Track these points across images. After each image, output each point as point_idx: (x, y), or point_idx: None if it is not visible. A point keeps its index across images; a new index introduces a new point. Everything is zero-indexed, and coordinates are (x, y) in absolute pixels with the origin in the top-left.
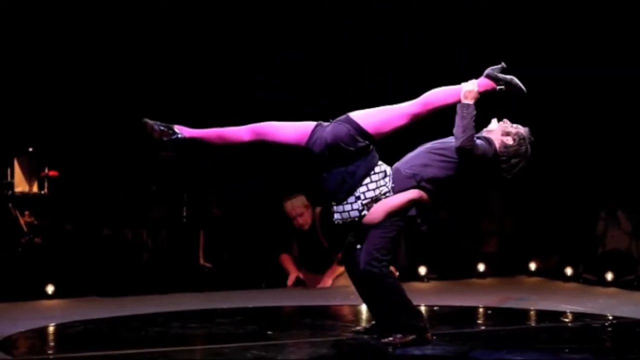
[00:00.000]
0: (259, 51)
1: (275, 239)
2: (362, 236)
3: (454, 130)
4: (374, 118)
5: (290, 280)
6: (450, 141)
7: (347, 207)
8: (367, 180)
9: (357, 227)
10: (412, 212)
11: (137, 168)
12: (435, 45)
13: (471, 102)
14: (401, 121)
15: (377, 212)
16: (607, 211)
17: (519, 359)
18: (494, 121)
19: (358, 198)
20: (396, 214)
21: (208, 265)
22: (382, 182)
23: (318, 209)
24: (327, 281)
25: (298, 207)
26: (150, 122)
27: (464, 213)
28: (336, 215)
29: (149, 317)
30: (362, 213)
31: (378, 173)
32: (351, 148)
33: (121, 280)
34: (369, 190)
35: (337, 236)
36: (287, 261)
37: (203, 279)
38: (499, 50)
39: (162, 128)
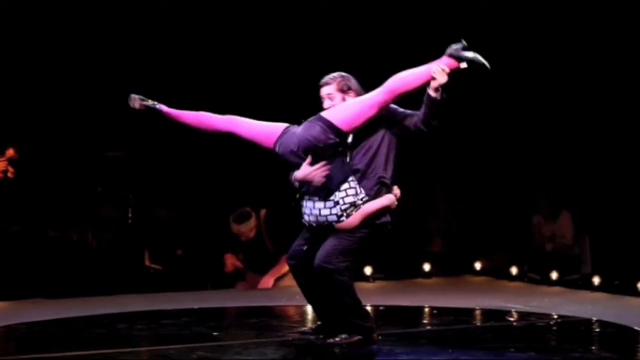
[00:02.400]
0: (257, 51)
1: (221, 240)
2: (320, 237)
3: (428, 112)
4: (344, 113)
5: (227, 268)
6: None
7: (325, 212)
8: (346, 185)
9: (326, 230)
10: (387, 218)
11: (83, 169)
12: (435, 45)
13: (444, 80)
14: (371, 112)
15: (355, 218)
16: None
17: (464, 358)
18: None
19: (337, 203)
20: (368, 220)
21: (155, 266)
22: (359, 189)
23: (263, 212)
24: (269, 281)
25: (245, 231)
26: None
27: (409, 213)
28: (309, 218)
29: (95, 318)
30: (341, 219)
31: (355, 180)
32: (322, 145)
33: (67, 282)
34: (347, 195)
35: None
36: (229, 259)
37: (149, 280)
38: (498, 50)
39: (142, 98)
